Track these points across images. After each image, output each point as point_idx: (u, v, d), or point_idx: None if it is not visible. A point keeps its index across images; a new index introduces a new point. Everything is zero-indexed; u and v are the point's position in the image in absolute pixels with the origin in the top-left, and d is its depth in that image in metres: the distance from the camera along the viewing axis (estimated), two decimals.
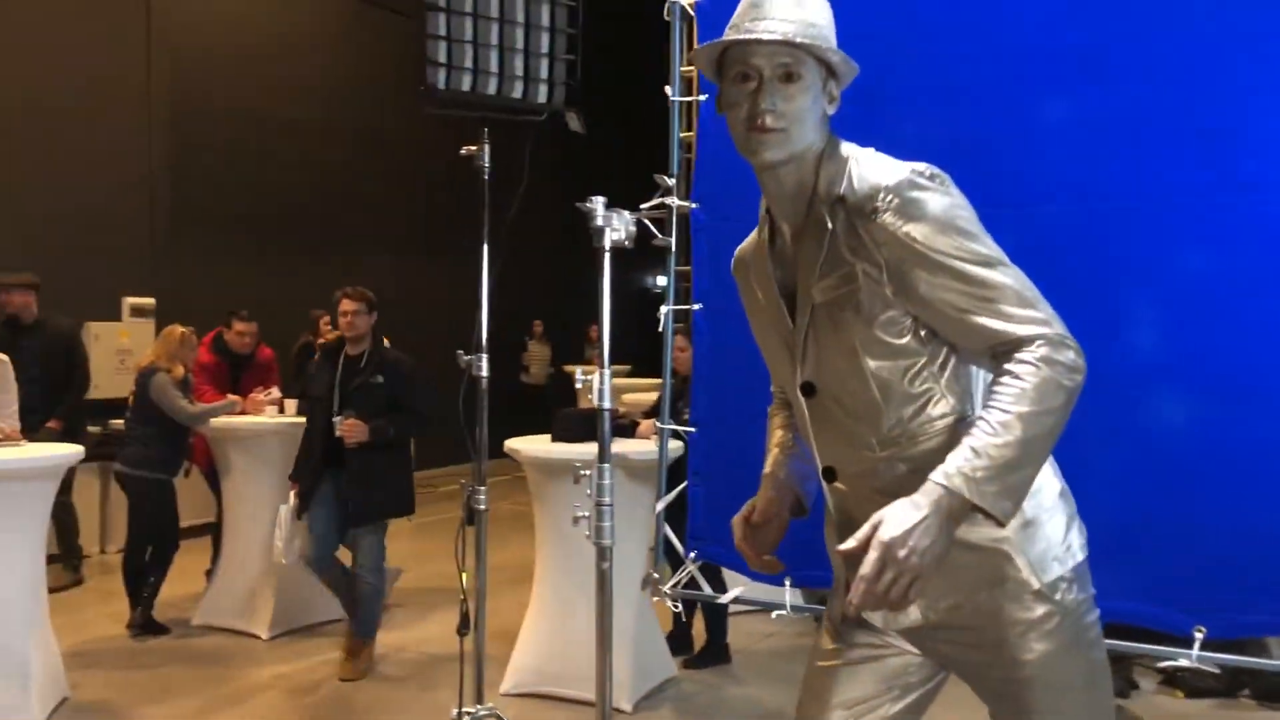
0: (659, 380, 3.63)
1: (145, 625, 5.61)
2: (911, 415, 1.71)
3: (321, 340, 6.62)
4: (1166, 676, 4.87)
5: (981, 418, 1.57)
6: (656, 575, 3.24)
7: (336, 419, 4.97)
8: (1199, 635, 2.52)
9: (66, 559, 6.62)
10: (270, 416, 5.90)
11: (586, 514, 3.06)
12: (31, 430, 5.16)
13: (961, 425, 1.68)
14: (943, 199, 1.64)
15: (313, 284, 9.77)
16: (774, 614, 2.96)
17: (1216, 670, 4.52)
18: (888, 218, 1.64)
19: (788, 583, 2.93)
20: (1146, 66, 2.59)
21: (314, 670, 5.13)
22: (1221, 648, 2.67)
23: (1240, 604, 2.50)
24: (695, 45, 3.15)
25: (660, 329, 3.24)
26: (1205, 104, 2.53)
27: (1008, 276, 1.62)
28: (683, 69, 3.31)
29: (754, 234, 1.94)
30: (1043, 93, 2.65)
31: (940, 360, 1.71)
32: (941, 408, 1.71)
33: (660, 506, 3.30)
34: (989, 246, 1.64)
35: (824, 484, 1.85)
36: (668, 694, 4.87)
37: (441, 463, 10.98)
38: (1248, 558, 2.48)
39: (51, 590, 4.91)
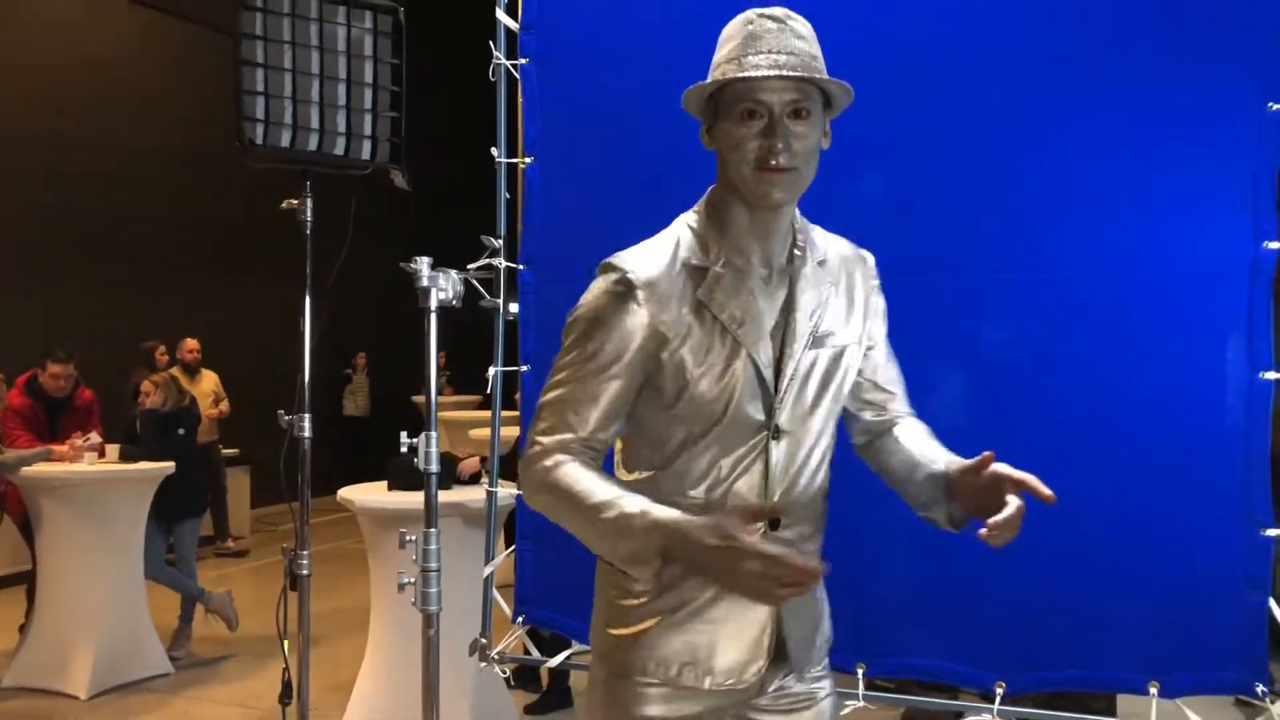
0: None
1: None
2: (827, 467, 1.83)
3: (155, 376, 6.34)
4: (984, 696, 5.07)
5: (930, 449, 1.82)
6: (484, 640, 3.21)
7: None
8: (999, 691, 2.64)
9: None
10: (89, 464, 5.60)
11: (412, 580, 3.03)
12: None
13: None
14: None
15: (153, 315, 9.37)
16: None
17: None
18: (875, 281, 1.88)
19: None
20: (951, 147, 2.73)
21: None
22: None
23: (1038, 660, 2.63)
24: (520, 105, 3.16)
25: (489, 390, 3.21)
26: (1004, 187, 2.68)
27: None
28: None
29: (650, 261, 1.71)
30: (862, 168, 2.77)
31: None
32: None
33: (488, 570, 3.27)
34: None
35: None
36: None
37: (279, 500, 10.64)
38: (1046, 616, 2.61)
39: None
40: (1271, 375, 2.49)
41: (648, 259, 1.70)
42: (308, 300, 3.24)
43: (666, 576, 1.70)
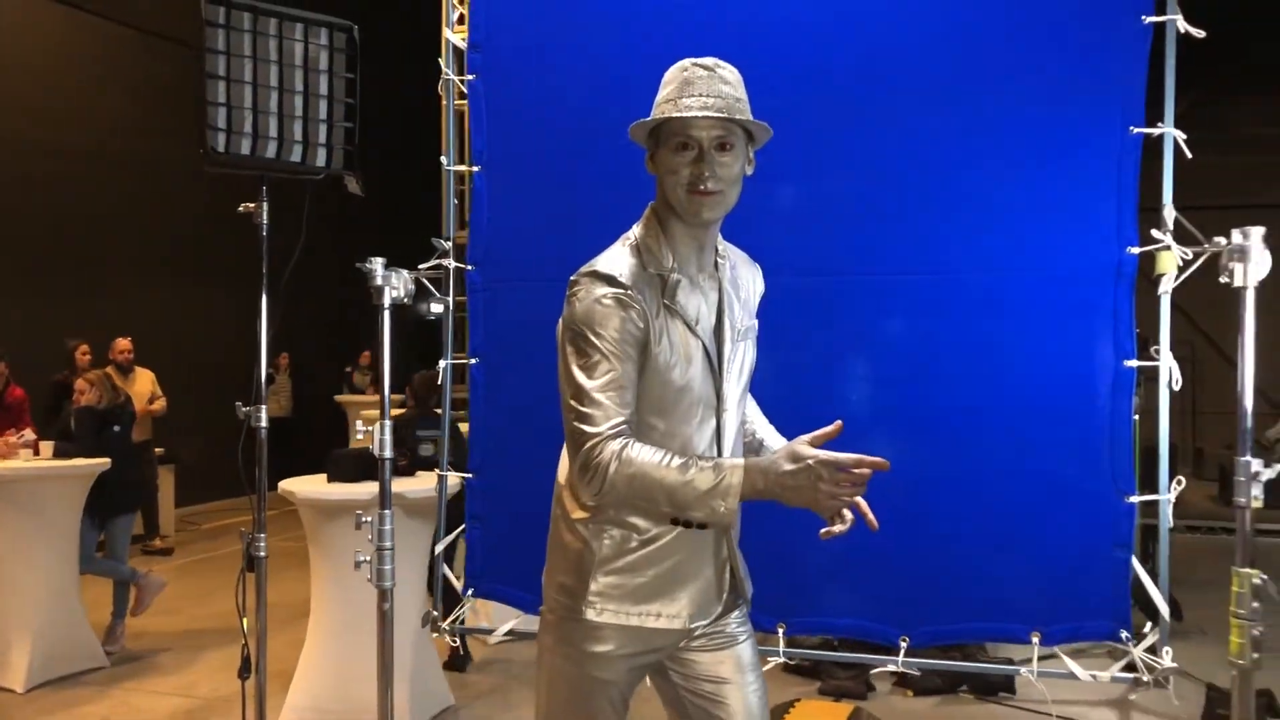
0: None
1: None
2: None
3: (83, 375, 6.40)
4: (898, 679, 5.43)
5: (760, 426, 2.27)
6: (435, 613, 3.44)
7: None
8: (903, 645, 2.97)
9: None
10: (25, 460, 5.67)
11: (367, 558, 3.24)
12: None
13: None
14: None
15: (83, 315, 9.35)
16: None
17: (936, 673, 5.12)
18: (763, 285, 2.21)
19: None
20: (857, 162, 3.06)
21: None
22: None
23: (937, 616, 2.96)
24: (467, 119, 3.41)
25: (439, 381, 3.45)
26: (903, 198, 3.02)
27: None
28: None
29: (629, 270, 1.97)
30: (773, 178, 3.08)
31: None
32: None
33: (439, 548, 3.51)
34: None
35: None
36: None
37: (203, 499, 10.70)
38: (943, 578, 2.96)
39: None
40: (1133, 363, 2.86)
41: (626, 268, 1.96)
42: (264, 298, 3.43)
43: (620, 533, 1.99)
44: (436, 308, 13.94)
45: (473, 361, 3.43)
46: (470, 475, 3.47)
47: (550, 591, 2.12)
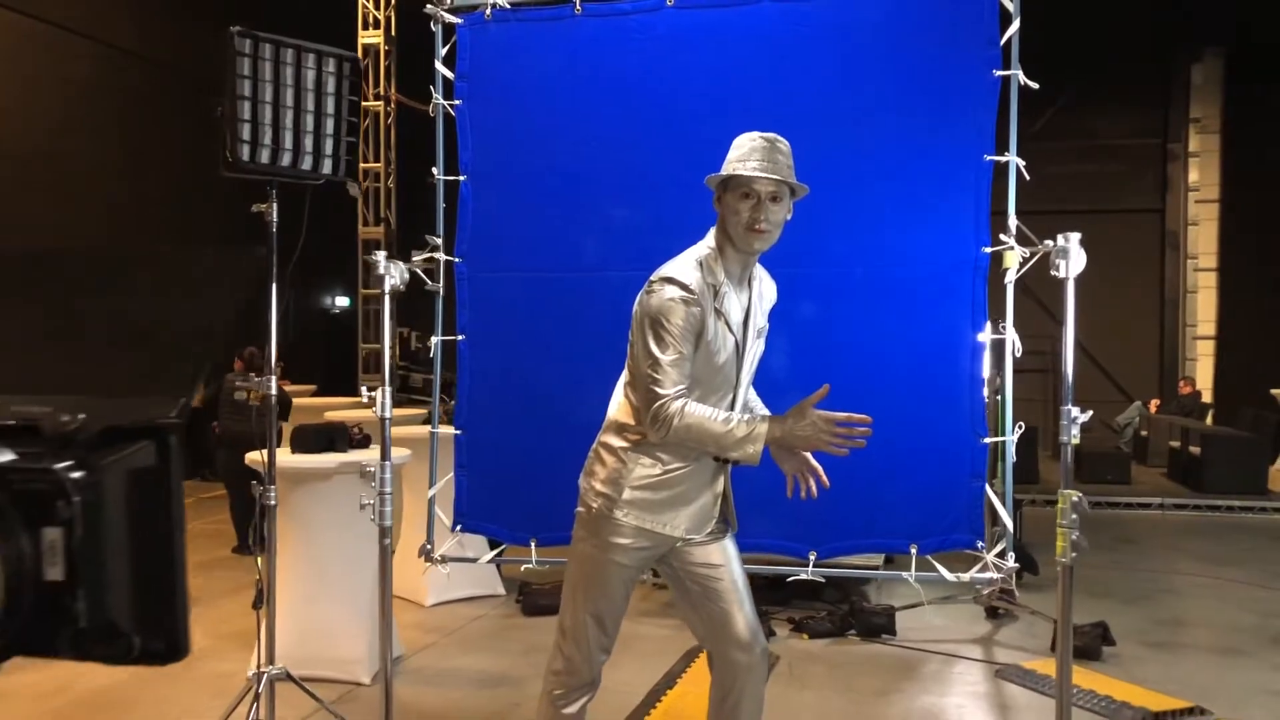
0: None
1: None
2: None
3: None
4: (795, 625, 6.22)
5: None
6: (429, 546, 4.10)
7: None
8: (812, 557, 3.75)
9: None
10: None
11: (370, 501, 3.87)
12: None
13: None
14: None
15: None
16: (525, 564, 3.83)
17: (828, 619, 5.95)
18: (775, 297, 2.96)
19: (533, 543, 3.92)
20: None
21: (59, 673, 5.38)
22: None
23: (838, 534, 3.76)
24: (456, 136, 4.09)
25: (431, 355, 4.12)
26: (808, 208, 3.80)
27: None
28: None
29: (695, 280, 2.66)
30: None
31: None
32: None
33: (432, 492, 4.17)
34: None
35: None
36: (400, 669, 5.61)
37: None
38: (843, 504, 3.74)
39: None
40: (984, 336, 3.71)
41: (692, 278, 2.68)
42: (274, 287, 4.03)
43: (651, 461, 2.71)
44: (342, 301, 14.27)
45: (460, 338, 4.10)
46: (459, 431, 4.15)
47: (589, 496, 2.83)
